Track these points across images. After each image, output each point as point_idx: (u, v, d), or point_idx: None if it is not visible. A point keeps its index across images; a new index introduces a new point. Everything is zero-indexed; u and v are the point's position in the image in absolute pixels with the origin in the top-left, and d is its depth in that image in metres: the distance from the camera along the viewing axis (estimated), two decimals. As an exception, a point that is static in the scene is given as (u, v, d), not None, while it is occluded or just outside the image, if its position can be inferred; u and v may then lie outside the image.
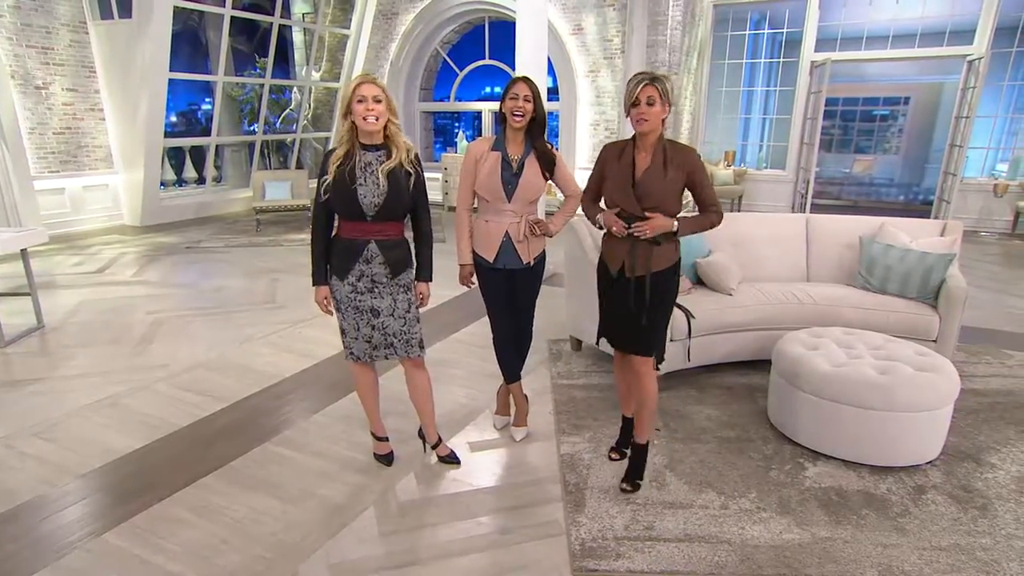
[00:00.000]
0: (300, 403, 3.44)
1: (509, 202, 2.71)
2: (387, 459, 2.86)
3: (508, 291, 2.87)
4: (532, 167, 2.70)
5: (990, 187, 8.75)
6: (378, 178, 2.43)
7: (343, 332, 2.66)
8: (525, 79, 2.62)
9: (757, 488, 2.66)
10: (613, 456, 2.88)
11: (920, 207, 10.73)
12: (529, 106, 2.59)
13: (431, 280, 2.69)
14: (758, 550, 2.27)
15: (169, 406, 3.39)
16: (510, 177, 2.68)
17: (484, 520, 2.46)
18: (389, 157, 2.46)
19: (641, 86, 2.31)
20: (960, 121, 8.31)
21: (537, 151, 2.70)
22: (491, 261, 2.78)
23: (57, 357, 4.09)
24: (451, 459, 2.87)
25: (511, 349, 3.00)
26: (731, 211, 9.50)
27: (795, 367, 2.95)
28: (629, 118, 2.39)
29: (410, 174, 2.51)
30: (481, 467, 2.85)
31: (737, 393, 3.56)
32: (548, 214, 3.12)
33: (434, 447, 2.90)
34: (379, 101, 2.36)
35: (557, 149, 2.82)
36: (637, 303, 2.50)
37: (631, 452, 2.73)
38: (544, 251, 2.88)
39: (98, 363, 3.97)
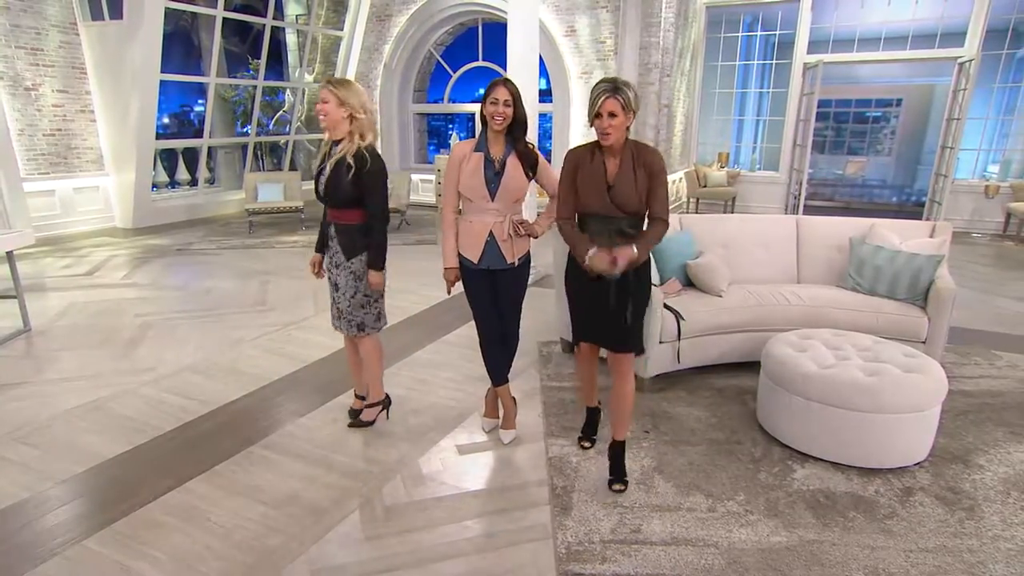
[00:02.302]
0: (287, 406, 3.41)
1: (492, 201, 2.71)
2: (353, 414, 3.19)
3: (492, 292, 2.86)
4: (514, 166, 2.71)
5: (981, 188, 8.79)
6: (326, 168, 2.74)
7: None
8: (505, 81, 2.62)
9: (745, 490, 2.65)
10: (584, 445, 2.96)
11: (912, 208, 10.77)
12: (509, 110, 2.61)
13: (379, 268, 2.87)
14: (745, 553, 2.26)
15: (154, 410, 3.36)
16: (493, 176, 2.69)
17: (470, 524, 2.44)
18: None
19: (602, 99, 2.28)
20: (951, 123, 8.34)
21: (518, 151, 2.71)
22: (476, 262, 2.78)
23: (42, 360, 4.05)
24: (360, 423, 3.13)
25: (497, 351, 2.99)
26: (724, 212, 9.55)
27: (783, 369, 2.94)
28: (593, 127, 2.38)
29: (351, 167, 2.69)
30: (468, 470, 2.83)
31: (727, 395, 3.55)
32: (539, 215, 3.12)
33: (361, 406, 3.17)
34: None
35: (546, 151, 2.83)
36: (619, 301, 2.48)
37: (613, 450, 2.72)
38: (528, 252, 2.88)
39: (84, 366, 3.94)
